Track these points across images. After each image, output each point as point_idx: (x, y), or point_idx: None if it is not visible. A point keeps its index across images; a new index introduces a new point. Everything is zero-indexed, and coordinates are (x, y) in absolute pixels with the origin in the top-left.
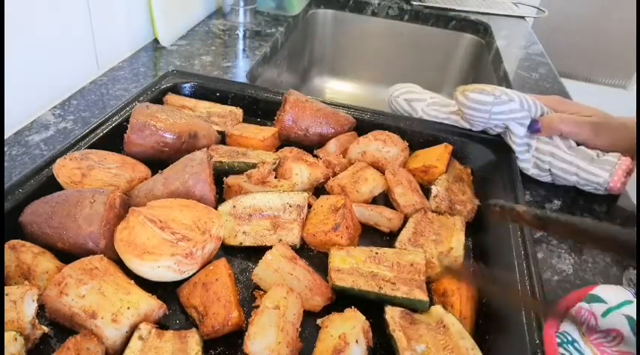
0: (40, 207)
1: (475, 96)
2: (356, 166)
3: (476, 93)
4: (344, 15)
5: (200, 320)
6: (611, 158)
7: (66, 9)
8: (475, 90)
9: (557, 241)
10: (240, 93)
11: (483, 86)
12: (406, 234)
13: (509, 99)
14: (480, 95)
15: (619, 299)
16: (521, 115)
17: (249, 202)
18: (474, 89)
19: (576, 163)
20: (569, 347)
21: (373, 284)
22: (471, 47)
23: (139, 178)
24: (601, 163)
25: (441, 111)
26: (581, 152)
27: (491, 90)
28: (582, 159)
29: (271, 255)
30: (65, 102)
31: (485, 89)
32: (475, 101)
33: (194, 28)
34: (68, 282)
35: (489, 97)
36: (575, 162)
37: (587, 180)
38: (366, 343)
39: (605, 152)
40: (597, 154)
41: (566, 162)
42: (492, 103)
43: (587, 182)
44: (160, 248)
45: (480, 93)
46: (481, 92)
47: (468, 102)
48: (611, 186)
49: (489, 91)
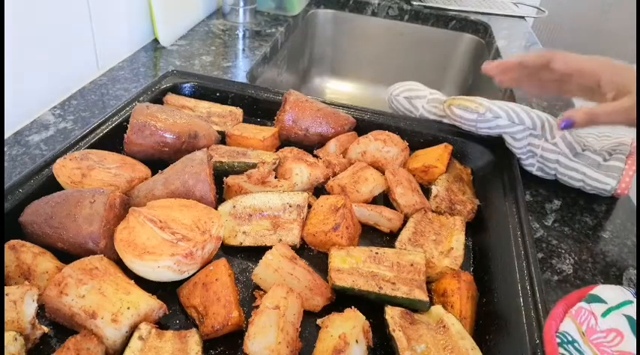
0: (40, 207)
1: (459, 112)
2: (356, 166)
3: (460, 109)
4: (344, 15)
5: (200, 320)
6: (618, 163)
7: (66, 9)
8: (460, 105)
9: (557, 241)
10: (240, 93)
11: (469, 102)
12: (406, 234)
13: (495, 116)
14: (464, 112)
15: (619, 299)
16: (513, 130)
17: (249, 202)
18: (459, 104)
19: (582, 170)
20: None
21: (373, 284)
22: (471, 47)
23: (139, 178)
24: (608, 170)
25: (440, 108)
26: (587, 158)
27: (475, 108)
28: (588, 166)
29: (271, 255)
30: (65, 102)
31: (470, 106)
32: (459, 116)
33: (194, 28)
34: (68, 282)
35: (473, 115)
36: (581, 170)
37: (594, 186)
38: (366, 343)
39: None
40: (604, 158)
41: (572, 170)
42: (476, 120)
43: (594, 188)
44: (160, 248)
45: (464, 110)
46: (465, 109)
47: (453, 116)
48: (619, 192)
49: (473, 109)
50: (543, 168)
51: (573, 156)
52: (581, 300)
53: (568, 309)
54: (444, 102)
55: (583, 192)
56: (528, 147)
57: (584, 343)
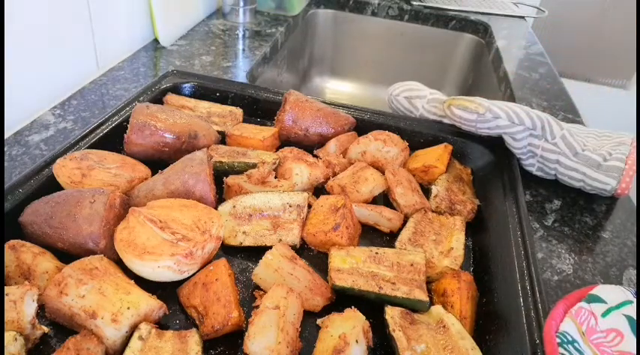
0: (40, 207)
1: (459, 112)
2: (356, 166)
3: (460, 109)
4: (344, 15)
5: (200, 320)
6: (618, 163)
7: (66, 9)
8: (460, 106)
9: (557, 241)
10: (240, 93)
11: (469, 102)
12: (406, 234)
13: (495, 116)
14: (464, 112)
15: (619, 299)
16: (513, 130)
17: (249, 202)
18: (458, 105)
19: (582, 171)
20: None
21: (373, 284)
22: (471, 47)
23: (139, 178)
24: (608, 170)
25: (440, 108)
26: (587, 158)
27: (475, 108)
28: (589, 167)
29: (271, 255)
30: (65, 102)
31: (469, 107)
32: (459, 117)
33: (194, 28)
34: (68, 282)
35: (472, 115)
36: (581, 170)
37: (594, 186)
38: (366, 343)
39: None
40: (604, 158)
41: (572, 170)
42: (476, 121)
43: (594, 188)
44: (160, 248)
45: (463, 110)
46: (465, 109)
47: (452, 116)
48: (619, 192)
49: (473, 109)
50: (543, 168)
51: (573, 156)
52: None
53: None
54: (444, 102)
55: (583, 192)
56: (528, 148)
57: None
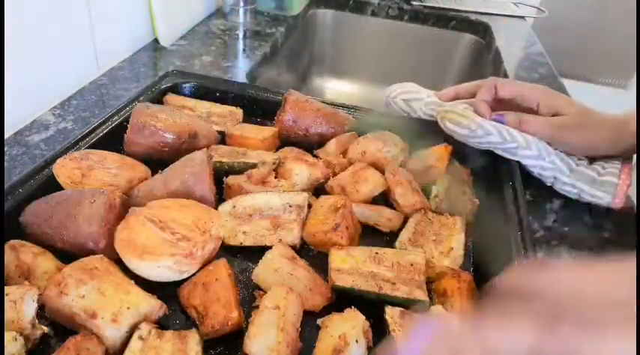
0: (40, 207)
1: (451, 126)
2: (356, 166)
3: (452, 124)
4: (344, 15)
5: (200, 320)
6: (611, 178)
7: (66, 9)
8: (452, 120)
9: (557, 241)
10: (240, 93)
11: (461, 117)
12: (406, 234)
13: (486, 133)
14: (456, 127)
15: None
16: (506, 146)
17: (249, 202)
18: (451, 119)
19: (579, 186)
20: None
21: (373, 284)
22: (471, 47)
23: (139, 178)
24: (602, 185)
25: (437, 111)
26: (581, 174)
27: (467, 123)
28: (584, 183)
29: (271, 255)
30: (65, 102)
31: (462, 122)
32: (451, 131)
33: (194, 28)
34: (68, 282)
35: (464, 130)
36: (577, 186)
37: (590, 200)
38: (366, 343)
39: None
40: (598, 173)
41: (568, 185)
42: (467, 136)
43: (590, 201)
44: (159, 248)
45: (455, 125)
46: (457, 124)
47: (445, 129)
48: (615, 204)
49: (465, 125)
50: (541, 178)
51: (570, 173)
52: None
53: None
54: (438, 113)
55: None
56: (525, 161)
57: None
